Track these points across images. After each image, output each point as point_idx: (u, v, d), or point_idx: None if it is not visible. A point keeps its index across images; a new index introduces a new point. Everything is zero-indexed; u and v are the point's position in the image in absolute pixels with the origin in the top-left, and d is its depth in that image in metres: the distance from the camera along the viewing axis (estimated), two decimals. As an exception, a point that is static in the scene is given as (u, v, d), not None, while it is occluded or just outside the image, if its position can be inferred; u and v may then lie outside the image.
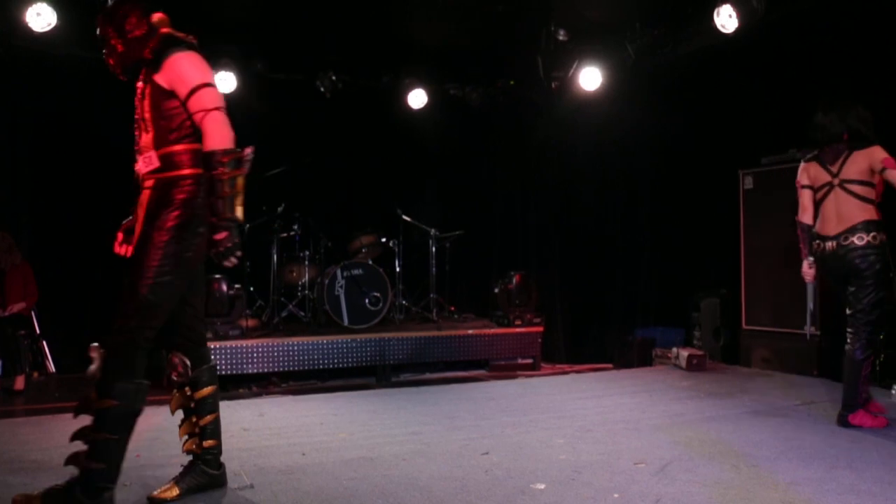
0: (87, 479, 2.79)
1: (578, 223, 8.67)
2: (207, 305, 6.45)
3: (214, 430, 3.25)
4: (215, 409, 3.27)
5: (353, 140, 8.38)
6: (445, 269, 7.98)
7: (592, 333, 8.43)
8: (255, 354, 6.36)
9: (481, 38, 7.43)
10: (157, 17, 3.18)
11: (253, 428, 4.51)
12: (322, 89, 7.82)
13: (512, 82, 8.55)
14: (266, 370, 6.45)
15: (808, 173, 4.47)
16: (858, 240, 4.18)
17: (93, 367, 3.07)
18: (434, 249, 7.82)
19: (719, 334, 7.00)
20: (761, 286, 6.55)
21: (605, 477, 3.36)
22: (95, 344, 3.16)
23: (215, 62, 7.25)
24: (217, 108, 3.00)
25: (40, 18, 5.67)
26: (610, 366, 7.39)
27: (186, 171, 3.04)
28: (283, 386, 6.56)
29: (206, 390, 3.24)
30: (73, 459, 2.84)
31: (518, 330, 7.42)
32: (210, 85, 3.04)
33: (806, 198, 4.45)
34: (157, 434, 4.20)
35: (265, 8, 6.43)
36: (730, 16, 5.99)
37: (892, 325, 5.60)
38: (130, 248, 3.19)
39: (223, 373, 6.25)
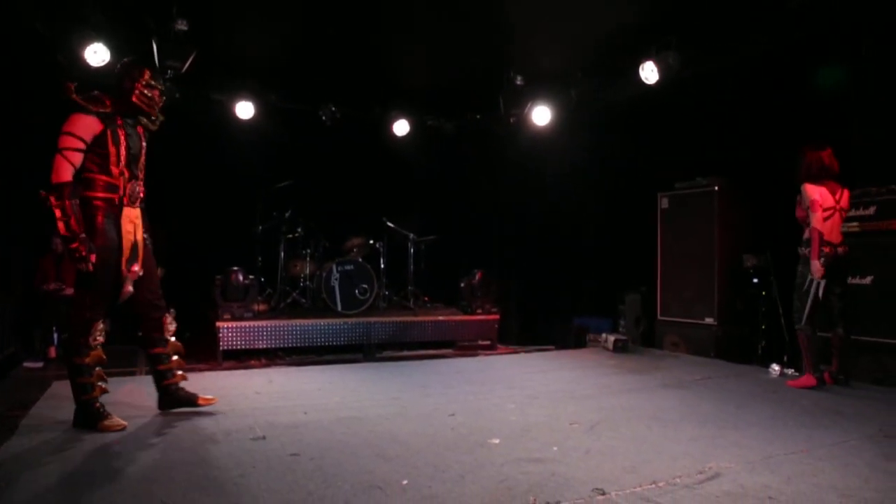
0: None
1: (530, 232, 8.79)
2: (227, 292, 6.49)
3: None
4: None
5: (349, 159, 8.40)
6: (421, 266, 8.02)
7: (539, 321, 8.53)
8: (264, 333, 6.35)
9: (454, 80, 7.48)
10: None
11: (264, 392, 4.54)
12: (324, 118, 7.84)
13: (478, 116, 8.61)
14: (273, 346, 6.43)
15: (820, 194, 4.59)
16: (844, 250, 4.64)
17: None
18: (412, 250, 7.85)
19: (639, 323, 7.14)
20: (673, 285, 6.70)
21: (546, 434, 3.44)
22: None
23: (238, 94, 7.27)
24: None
25: (96, 56, 5.55)
26: (552, 347, 7.44)
27: None
28: (287, 359, 6.54)
29: None
30: None
31: (479, 317, 7.46)
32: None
33: (822, 214, 4.57)
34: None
35: (280, 50, 6.43)
36: (652, 70, 6.14)
37: (770, 319, 5.86)
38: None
39: (239, 347, 6.27)
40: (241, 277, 6.56)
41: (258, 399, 4.31)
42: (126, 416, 3.74)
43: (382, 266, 7.66)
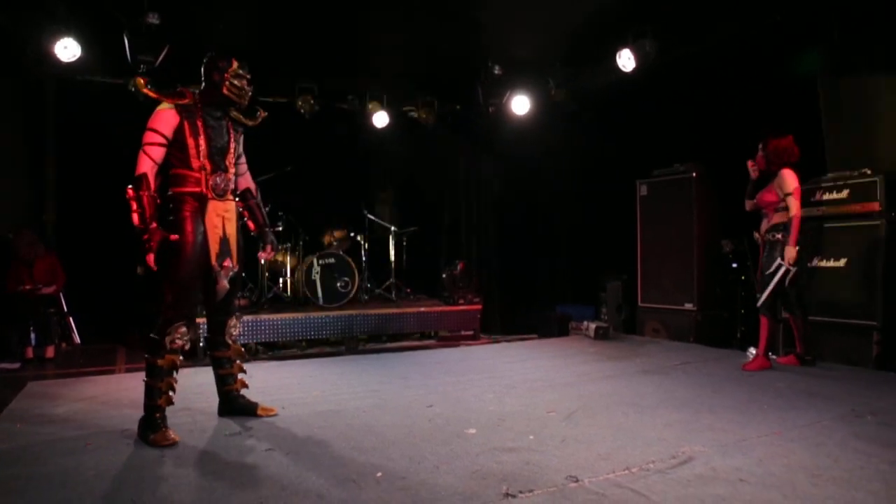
0: None
1: (512, 221, 8.80)
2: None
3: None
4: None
5: (329, 152, 8.33)
6: (403, 258, 8.01)
7: (522, 310, 8.54)
8: (245, 328, 6.25)
9: (433, 71, 7.47)
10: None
11: (243, 388, 4.51)
12: (302, 111, 7.78)
13: (458, 107, 8.61)
14: (255, 341, 6.38)
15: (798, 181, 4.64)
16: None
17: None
18: (393, 243, 7.83)
19: (621, 310, 7.18)
20: (653, 272, 6.74)
21: (523, 423, 3.44)
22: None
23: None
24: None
25: (67, 51, 5.46)
26: (535, 336, 7.46)
27: None
28: (269, 354, 6.50)
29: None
30: None
31: (461, 308, 7.46)
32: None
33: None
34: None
35: (256, 41, 6.36)
36: (629, 58, 6.15)
37: (749, 303, 5.89)
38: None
39: (219, 343, 6.21)
40: (220, 273, 6.50)
41: (236, 395, 4.26)
42: (104, 414, 3.71)
43: (364, 259, 7.62)
